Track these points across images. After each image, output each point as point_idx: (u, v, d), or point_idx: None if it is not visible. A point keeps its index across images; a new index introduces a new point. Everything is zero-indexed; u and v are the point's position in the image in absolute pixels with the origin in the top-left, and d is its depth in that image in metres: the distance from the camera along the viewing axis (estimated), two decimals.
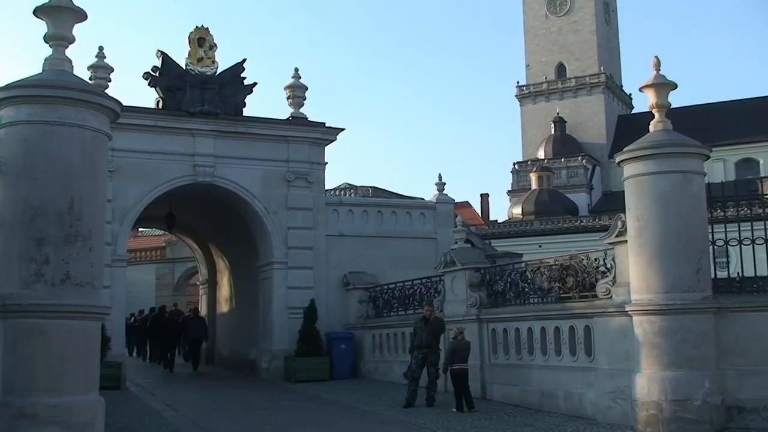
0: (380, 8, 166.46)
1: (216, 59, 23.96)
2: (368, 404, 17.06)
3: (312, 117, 24.73)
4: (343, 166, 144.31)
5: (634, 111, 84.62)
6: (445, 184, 26.74)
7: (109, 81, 22.33)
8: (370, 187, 52.40)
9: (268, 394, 19.55)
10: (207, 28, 24.11)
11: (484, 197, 78.60)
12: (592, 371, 14.05)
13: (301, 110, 24.74)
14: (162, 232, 39.60)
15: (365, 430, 14.40)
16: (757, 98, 76.46)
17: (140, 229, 49.41)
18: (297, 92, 24.82)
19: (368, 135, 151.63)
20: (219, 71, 23.92)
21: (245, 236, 25.13)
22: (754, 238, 12.98)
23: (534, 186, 71.96)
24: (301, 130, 24.37)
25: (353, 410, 16.45)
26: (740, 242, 13.02)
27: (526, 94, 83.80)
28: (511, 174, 79.09)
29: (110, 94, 12.04)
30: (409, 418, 14.97)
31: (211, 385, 22.56)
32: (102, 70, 22.27)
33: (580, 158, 75.88)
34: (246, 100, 24.21)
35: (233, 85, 24.07)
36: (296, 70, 24.98)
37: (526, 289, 16.86)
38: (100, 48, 22.50)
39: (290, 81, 24.98)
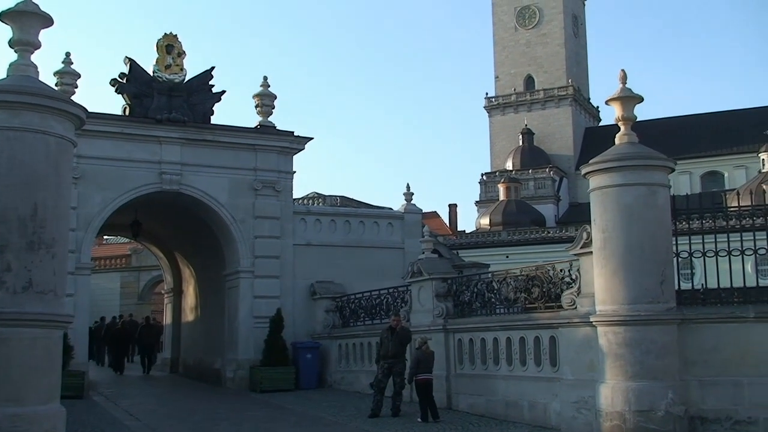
0: (350, 19, 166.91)
1: (184, 66, 23.84)
2: (334, 414, 16.99)
3: (281, 126, 24.73)
4: (312, 176, 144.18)
5: (601, 123, 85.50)
6: (413, 194, 26.77)
7: (76, 87, 22.15)
8: (339, 196, 52.39)
9: (233, 404, 19.42)
10: (176, 35, 24.00)
11: (453, 207, 78.87)
12: (556, 381, 14.10)
13: (270, 119, 24.69)
14: (127, 240, 39.22)
15: None
16: (723, 112, 77.76)
17: (105, 237, 48.90)
18: (265, 100, 24.76)
19: (337, 144, 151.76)
20: (187, 78, 23.81)
21: (211, 245, 24.98)
22: (718, 250, 13.11)
23: (502, 197, 72.30)
24: (269, 139, 24.30)
25: (319, 420, 16.37)
26: (704, 254, 13.15)
27: (494, 106, 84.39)
28: (479, 185, 79.49)
29: (76, 100, 11.95)
30: (375, 428, 14.92)
31: (176, 395, 22.39)
32: (68, 76, 22.09)
33: (547, 170, 76.47)
34: (214, 108, 24.13)
35: (201, 92, 23.96)
36: (265, 78, 24.91)
37: (493, 300, 16.88)
38: (67, 54, 22.34)
39: (259, 89, 24.92)
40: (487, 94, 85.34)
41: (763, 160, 63.72)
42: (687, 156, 68.24)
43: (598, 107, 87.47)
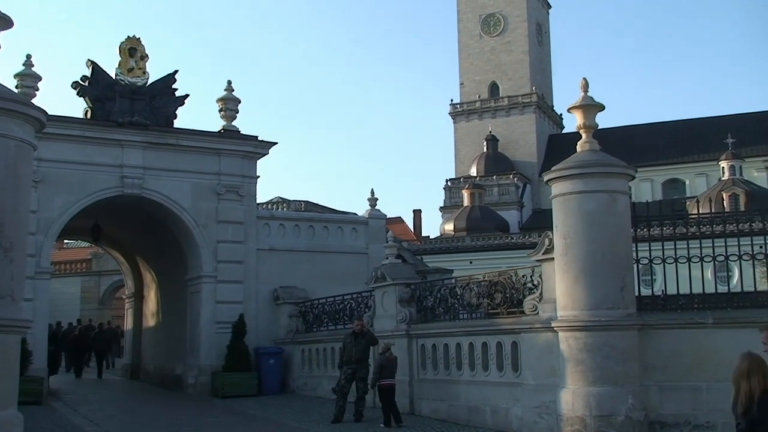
0: (314, 24, 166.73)
1: (147, 70, 23.70)
2: (297, 420, 16.93)
3: (245, 130, 24.64)
4: (276, 180, 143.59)
5: (564, 131, 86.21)
6: (377, 199, 26.78)
7: (37, 90, 21.87)
8: (303, 201, 52.23)
9: (195, 410, 19.27)
10: (139, 38, 23.86)
11: (417, 213, 79.21)
12: (518, 386, 14.17)
13: (234, 123, 24.58)
14: (88, 244, 38.80)
15: None
16: (684, 120, 78.83)
17: (65, 241, 48.37)
18: (229, 105, 24.65)
19: (302, 149, 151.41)
20: (150, 82, 23.66)
21: (174, 249, 24.80)
22: (678, 257, 13.26)
23: (466, 203, 72.59)
24: (233, 143, 24.19)
25: (281, 426, 16.31)
26: (664, 261, 13.30)
27: (459, 112, 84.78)
28: (443, 190, 79.81)
29: (37, 103, 11.79)
30: None
31: (137, 401, 22.18)
32: (29, 78, 21.81)
33: (511, 176, 76.95)
34: (177, 112, 24.01)
35: (164, 96, 23.81)
36: (229, 82, 24.87)
37: (456, 305, 16.91)
38: (28, 56, 22.05)
39: (223, 93, 24.82)
40: (452, 100, 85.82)
41: (723, 168, 64.66)
42: (649, 163, 69.15)
43: (561, 115, 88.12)
